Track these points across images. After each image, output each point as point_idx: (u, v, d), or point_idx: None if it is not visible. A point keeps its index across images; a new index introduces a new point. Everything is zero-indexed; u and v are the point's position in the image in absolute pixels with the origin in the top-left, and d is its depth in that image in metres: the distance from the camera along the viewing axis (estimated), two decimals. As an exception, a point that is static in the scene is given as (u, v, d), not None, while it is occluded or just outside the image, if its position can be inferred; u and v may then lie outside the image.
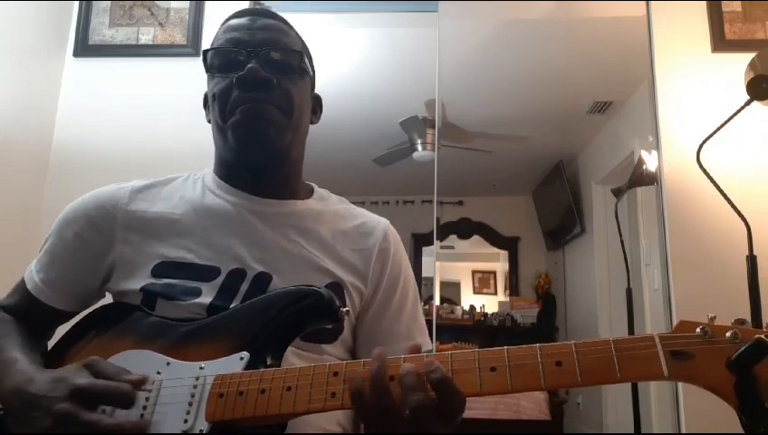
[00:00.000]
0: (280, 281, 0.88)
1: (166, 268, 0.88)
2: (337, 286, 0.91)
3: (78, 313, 0.94)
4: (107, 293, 0.95)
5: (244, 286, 0.87)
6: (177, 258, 0.89)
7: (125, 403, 0.69)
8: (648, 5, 2.29)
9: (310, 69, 0.98)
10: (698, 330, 0.60)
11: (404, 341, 0.95)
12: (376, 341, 0.93)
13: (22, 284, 0.95)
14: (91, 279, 0.93)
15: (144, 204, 0.94)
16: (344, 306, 0.81)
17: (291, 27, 0.97)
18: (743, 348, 0.57)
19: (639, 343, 0.61)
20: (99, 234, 0.92)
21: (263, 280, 0.88)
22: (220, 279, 0.87)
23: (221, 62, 0.92)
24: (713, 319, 0.61)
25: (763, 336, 0.57)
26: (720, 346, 0.59)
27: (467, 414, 0.66)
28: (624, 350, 0.61)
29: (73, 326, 0.91)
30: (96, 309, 0.93)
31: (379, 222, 1.01)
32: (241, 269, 0.88)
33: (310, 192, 1.02)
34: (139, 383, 0.72)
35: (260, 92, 0.88)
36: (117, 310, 0.89)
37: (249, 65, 0.88)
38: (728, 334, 0.59)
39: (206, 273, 0.88)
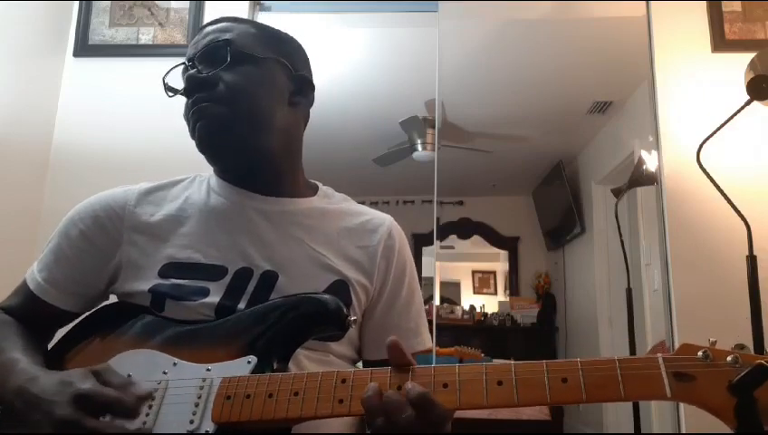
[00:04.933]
0: (286, 280, 0.88)
1: (173, 269, 0.88)
2: (342, 284, 0.91)
3: (81, 314, 0.94)
4: (111, 295, 0.95)
5: (251, 285, 0.87)
6: (184, 259, 0.89)
7: (127, 415, 0.69)
8: (648, 5, 2.29)
9: (261, 53, 0.93)
10: (700, 353, 0.63)
11: (413, 337, 0.96)
12: (384, 337, 0.93)
13: (24, 285, 0.94)
14: (96, 280, 0.93)
15: (151, 206, 0.94)
16: (352, 315, 0.81)
17: (242, 22, 0.97)
18: (744, 372, 0.59)
19: (643, 364, 0.63)
20: (105, 234, 0.92)
21: (269, 279, 0.88)
22: (227, 278, 0.88)
23: (184, 83, 0.94)
24: (714, 343, 0.64)
25: (764, 362, 0.59)
26: (721, 369, 0.61)
27: (467, 414, 0.66)
28: (628, 369, 0.63)
29: (75, 326, 0.91)
30: (99, 309, 0.93)
31: (384, 219, 1.01)
32: (248, 268, 0.89)
33: (314, 190, 1.02)
34: (145, 398, 0.72)
35: (201, 93, 0.90)
36: (122, 310, 0.89)
37: (187, 73, 0.91)
38: (729, 358, 0.62)
39: (214, 272, 0.88)
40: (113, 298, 0.95)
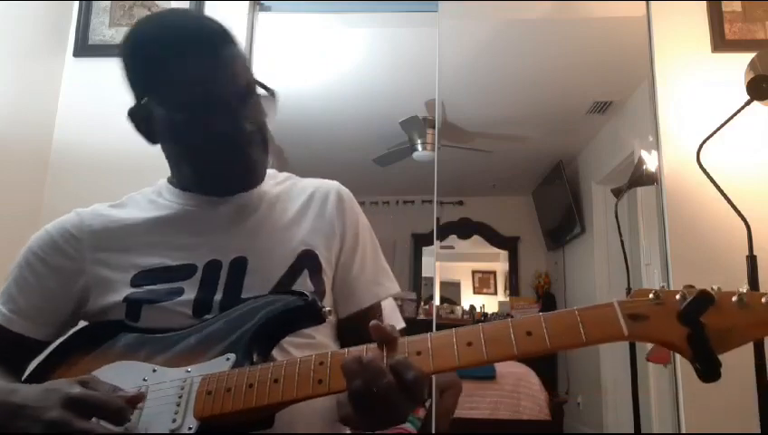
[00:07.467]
0: (255, 261, 0.90)
1: (144, 277, 0.89)
2: (310, 253, 0.93)
3: (51, 342, 0.92)
4: (81, 319, 0.94)
5: (223, 275, 0.89)
6: (152, 265, 0.90)
7: (118, 419, 0.69)
8: (647, 5, 2.29)
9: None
10: (651, 295, 0.67)
11: (374, 286, 0.98)
12: (347, 291, 0.96)
13: None
14: (62, 305, 0.92)
15: (107, 222, 0.95)
16: (326, 305, 0.83)
17: (226, 42, 0.89)
18: (690, 298, 0.64)
19: (601, 310, 0.67)
20: (66, 259, 0.92)
21: (239, 265, 0.90)
22: (198, 274, 0.89)
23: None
24: (663, 287, 0.68)
25: (707, 289, 0.64)
26: (671, 306, 0.66)
27: (467, 414, 0.67)
28: (587, 316, 0.67)
29: (48, 354, 0.90)
30: (70, 335, 0.92)
31: (331, 185, 1.03)
32: (216, 260, 0.90)
33: None
34: (135, 400, 0.72)
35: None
36: (94, 332, 0.88)
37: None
38: (677, 296, 0.66)
39: (184, 271, 0.89)
40: (82, 324, 0.94)
